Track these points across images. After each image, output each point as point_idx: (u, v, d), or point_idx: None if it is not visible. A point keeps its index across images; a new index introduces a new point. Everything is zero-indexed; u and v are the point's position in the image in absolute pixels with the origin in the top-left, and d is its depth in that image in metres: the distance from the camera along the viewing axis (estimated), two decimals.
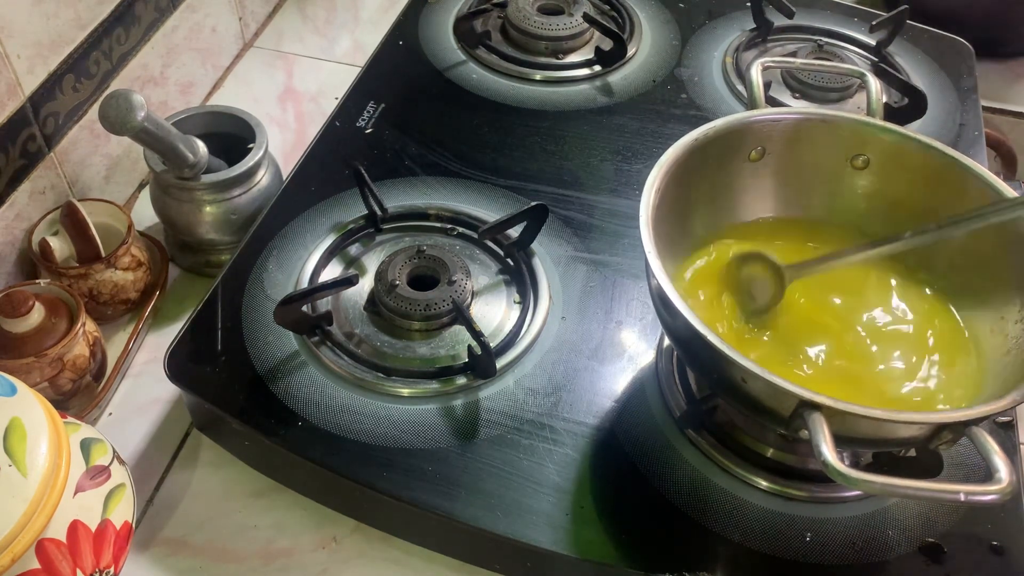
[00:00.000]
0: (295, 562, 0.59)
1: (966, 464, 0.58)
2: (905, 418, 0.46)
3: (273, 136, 0.80)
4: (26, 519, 0.45)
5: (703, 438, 0.58)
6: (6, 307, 0.59)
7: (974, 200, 0.56)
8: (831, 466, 0.42)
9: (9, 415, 0.47)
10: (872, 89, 0.64)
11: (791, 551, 0.54)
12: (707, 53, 0.87)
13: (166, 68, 0.82)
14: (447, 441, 0.57)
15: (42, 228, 0.69)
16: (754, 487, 0.56)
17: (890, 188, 0.60)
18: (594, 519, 0.55)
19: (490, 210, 0.71)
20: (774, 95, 0.81)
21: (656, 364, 0.62)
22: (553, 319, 0.64)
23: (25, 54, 0.65)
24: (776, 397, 0.46)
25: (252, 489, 0.62)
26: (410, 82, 0.83)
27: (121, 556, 0.52)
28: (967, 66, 0.88)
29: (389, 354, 0.62)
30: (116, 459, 0.54)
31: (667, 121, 0.80)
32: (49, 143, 0.70)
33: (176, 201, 0.70)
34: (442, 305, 0.62)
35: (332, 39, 0.99)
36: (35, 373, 0.60)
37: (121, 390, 0.68)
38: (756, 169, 0.61)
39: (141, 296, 0.70)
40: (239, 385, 0.60)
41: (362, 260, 0.68)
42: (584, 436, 0.58)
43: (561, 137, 0.78)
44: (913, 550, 0.54)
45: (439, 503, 0.55)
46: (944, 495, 0.43)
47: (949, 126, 0.82)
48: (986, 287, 0.56)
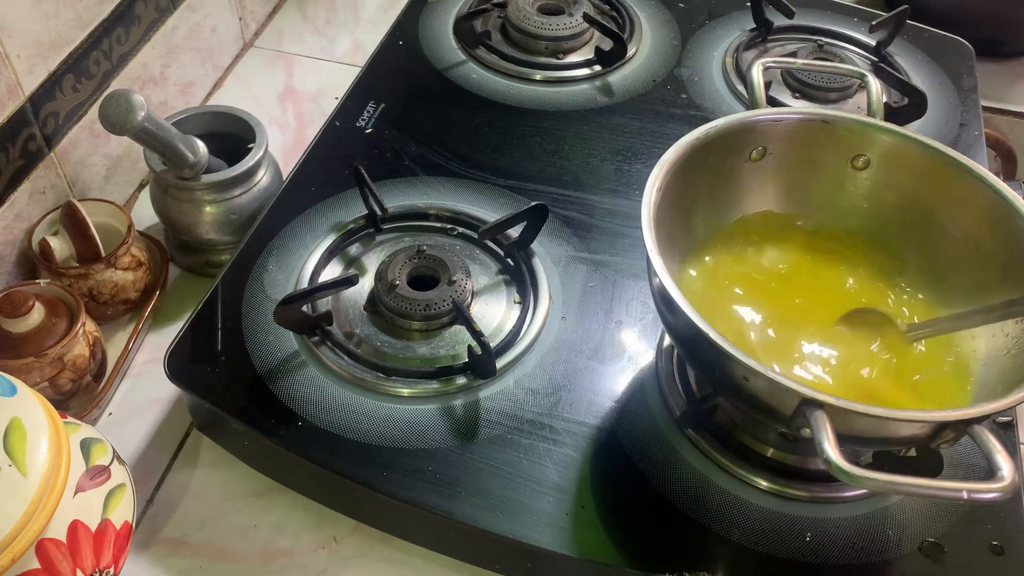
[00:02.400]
0: (295, 562, 0.59)
1: (966, 464, 0.58)
2: (907, 416, 0.46)
3: (273, 136, 0.80)
4: (26, 519, 0.45)
5: (703, 438, 0.58)
6: (6, 307, 0.59)
7: (974, 200, 0.56)
8: (834, 464, 0.42)
9: (9, 415, 0.47)
10: (872, 89, 0.64)
11: (791, 551, 0.53)
12: (707, 53, 0.87)
13: (166, 68, 0.82)
14: (447, 441, 0.57)
15: (42, 228, 0.69)
16: (754, 487, 0.56)
17: (890, 188, 0.60)
18: (594, 519, 0.54)
19: (490, 210, 0.71)
20: (774, 95, 0.81)
21: (656, 364, 0.62)
22: (553, 319, 0.64)
23: (25, 54, 0.65)
24: (778, 395, 0.46)
25: (252, 489, 0.62)
26: (410, 82, 0.83)
27: (121, 556, 0.52)
28: (967, 66, 0.88)
29: (389, 354, 0.62)
30: (116, 459, 0.54)
31: (667, 121, 0.80)
32: (49, 143, 0.70)
33: (176, 201, 0.70)
34: (442, 305, 0.62)
35: (332, 39, 0.99)
36: (35, 373, 0.60)
37: (121, 390, 0.68)
38: (756, 169, 0.61)
39: (141, 296, 0.70)
40: (239, 385, 0.60)
41: (362, 260, 0.68)
42: (584, 436, 0.58)
43: (561, 137, 0.78)
44: (913, 550, 0.54)
45: (439, 503, 0.54)
46: (946, 493, 0.43)
47: (949, 126, 0.82)
48: (986, 287, 0.56)
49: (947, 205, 0.58)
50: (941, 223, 0.59)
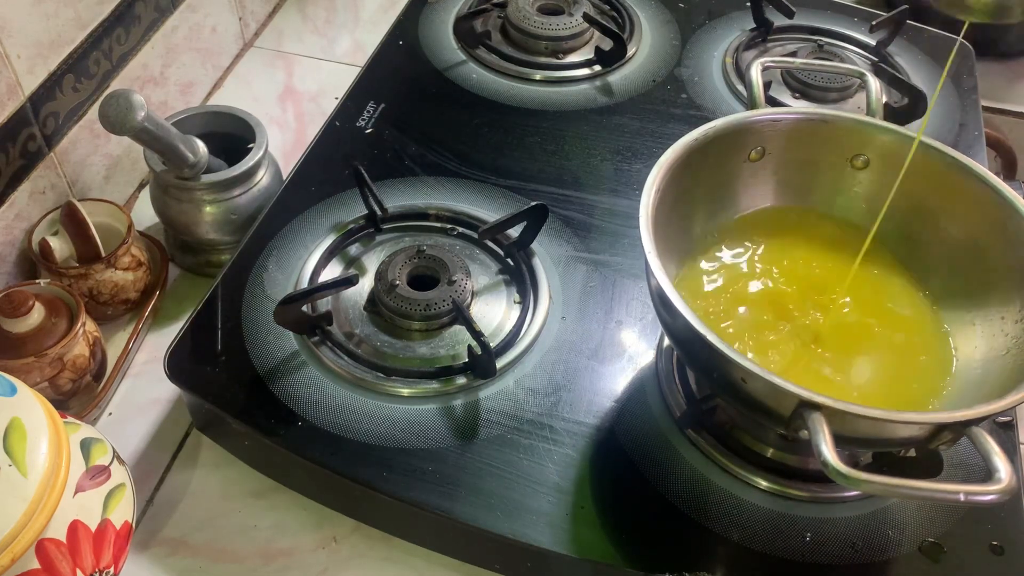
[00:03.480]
0: (295, 562, 0.59)
1: (966, 464, 0.58)
2: (905, 418, 0.46)
3: (273, 136, 0.80)
4: (26, 519, 0.45)
5: (703, 438, 0.58)
6: (6, 307, 0.59)
7: (974, 200, 0.56)
8: (831, 466, 0.42)
9: (9, 415, 0.47)
10: (872, 89, 0.64)
11: (791, 551, 0.54)
12: (707, 53, 0.87)
13: (166, 68, 0.82)
14: (447, 441, 0.57)
15: (42, 228, 0.69)
16: (754, 487, 0.56)
17: (890, 188, 0.60)
18: (594, 519, 0.54)
19: (490, 210, 0.71)
20: (774, 95, 0.81)
21: (656, 364, 0.62)
22: (553, 319, 0.64)
23: (25, 54, 0.65)
24: (776, 397, 0.46)
25: (252, 489, 0.62)
26: (410, 82, 0.83)
27: (121, 556, 0.52)
28: (967, 66, 0.88)
29: (389, 354, 0.62)
30: (116, 459, 0.54)
31: (667, 121, 0.80)
32: (49, 143, 0.70)
33: (176, 201, 0.70)
34: (442, 305, 0.62)
35: (332, 39, 0.99)
36: (35, 373, 0.60)
37: (121, 390, 0.68)
38: (756, 169, 0.61)
39: (141, 296, 0.70)
40: (239, 385, 0.60)
41: (362, 260, 0.68)
42: (584, 436, 0.58)
43: (561, 137, 0.78)
44: (913, 550, 0.54)
45: (439, 503, 0.55)
46: (944, 495, 0.43)
47: (949, 126, 0.82)
48: (986, 287, 0.56)
49: (947, 205, 0.58)
50: (941, 223, 0.59)
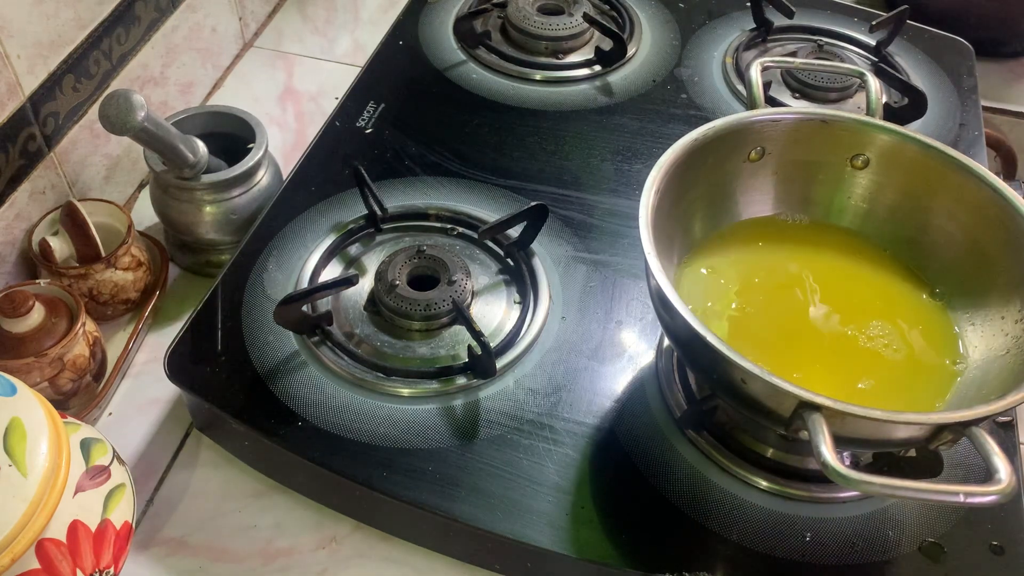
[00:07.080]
0: (295, 562, 0.59)
1: (966, 464, 0.58)
2: (904, 419, 0.46)
3: (273, 136, 0.80)
4: (26, 519, 0.45)
5: (703, 438, 0.58)
6: (6, 307, 0.59)
7: (974, 200, 0.56)
8: (831, 467, 0.42)
9: (9, 415, 0.47)
10: (872, 89, 0.64)
11: (791, 551, 0.54)
12: (707, 53, 0.87)
13: (166, 68, 0.82)
14: (447, 441, 0.57)
15: (42, 228, 0.69)
16: (754, 487, 0.56)
17: (890, 188, 0.60)
18: (594, 519, 0.55)
19: (490, 210, 0.71)
20: (774, 95, 0.81)
21: (656, 364, 0.62)
22: (553, 319, 0.64)
23: (25, 54, 0.65)
24: (776, 398, 0.46)
25: (252, 489, 0.62)
26: (410, 82, 0.83)
27: (121, 556, 0.52)
28: (967, 66, 0.88)
29: (389, 354, 0.62)
30: (116, 459, 0.54)
31: (667, 121, 0.80)
32: (49, 143, 0.70)
33: (176, 201, 0.70)
34: (442, 305, 0.62)
35: (332, 39, 0.99)
36: (35, 373, 0.60)
37: (121, 390, 0.68)
38: (756, 169, 0.61)
39: (141, 296, 0.70)
40: (239, 385, 0.60)
41: (362, 260, 0.68)
42: (584, 436, 0.58)
43: (561, 137, 0.78)
44: (913, 550, 0.54)
45: (439, 503, 0.55)
46: (943, 496, 0.43)
47: (949, 126, 0.82)
48: (986, 287, 0.56)
49: (947, 205, 0.58)
50: (941, 223, 0.59)
